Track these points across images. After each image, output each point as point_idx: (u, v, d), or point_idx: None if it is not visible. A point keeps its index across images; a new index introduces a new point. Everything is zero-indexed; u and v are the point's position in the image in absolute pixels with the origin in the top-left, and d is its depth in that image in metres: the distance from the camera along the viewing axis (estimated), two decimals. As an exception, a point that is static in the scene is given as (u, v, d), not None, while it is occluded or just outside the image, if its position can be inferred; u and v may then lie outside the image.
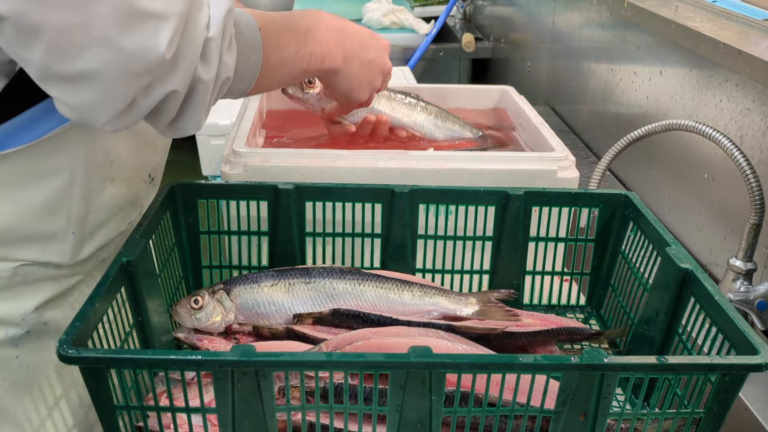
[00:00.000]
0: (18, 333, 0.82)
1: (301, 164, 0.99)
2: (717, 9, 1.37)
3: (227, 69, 0.75)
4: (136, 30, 0.64)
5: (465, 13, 3.10)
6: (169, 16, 0.65)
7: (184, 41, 0.68)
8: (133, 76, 0.66)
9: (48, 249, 0.82)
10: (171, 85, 0.69)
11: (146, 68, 0.66)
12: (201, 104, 0.74)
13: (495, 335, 0.84)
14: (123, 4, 0.62)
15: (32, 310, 0.82)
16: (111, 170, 0.85)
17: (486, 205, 0.95)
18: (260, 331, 0.86)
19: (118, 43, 0.63)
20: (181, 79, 0.69)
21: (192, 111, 0.74)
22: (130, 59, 0.65)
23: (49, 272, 0.83)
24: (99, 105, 0.67)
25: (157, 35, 0.65)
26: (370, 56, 1.01)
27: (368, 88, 1.04)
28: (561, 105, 2.06)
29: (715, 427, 0.69)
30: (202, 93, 0.73)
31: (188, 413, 0.67)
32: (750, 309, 1.07)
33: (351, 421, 0.68)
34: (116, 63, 0.64)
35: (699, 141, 1.31)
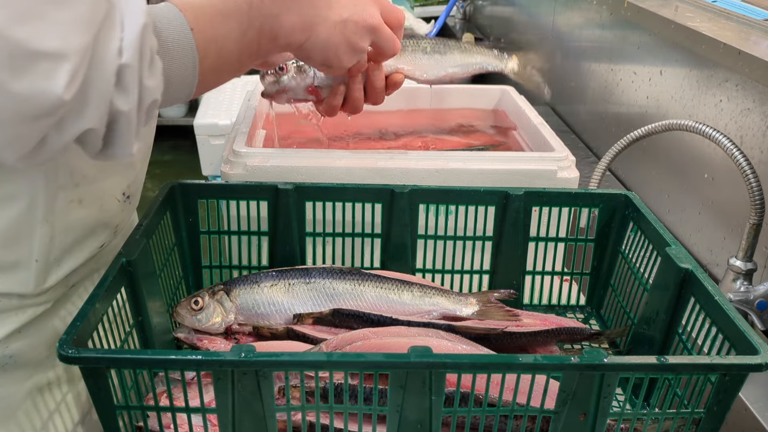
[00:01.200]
0: None
1: (301, 164, 0.99)
2: (717, 9, 1.37)
3: (151, 92, 0.68)
4: (28, 72, 0.58)
5: (465, 13, 3.10)
6: (66, 55, 0.59)
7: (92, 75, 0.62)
8: (31, 119, 0.60)
9: (10, 279, 0.77)
10: (84, 123, 0.63)
11: (44, 111, 0.60)
12: (126, 134, 0.67)
13: (495, 335, 0.84)
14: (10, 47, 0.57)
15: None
16: (77, 192, 0.80)
17: (486, 205, 0.95)
18: (260, 332, 0.86)
19: (9, 88, 0.58)
20: (94, 115, 0.63)
21: (118, 141, 0.67)
22: (24, 103, 0.59)
23: (13, 303, 0.78)
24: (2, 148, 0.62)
25: (53, 77, 0.59)
26: (342, 15, 0.87)
27: (348, 52, 0.90)
28: (561, 105, 2.06)
29: (715, 427, 0.69)
30: (124, 123, 0.66)
31: (188, 413, 0.67)
32: (750, 309, 1.07)
33: (351, 422, 0.68)
34: (10, 107, 0.59)
35: (699, 141, 1.31)
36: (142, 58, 0.66)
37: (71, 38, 0.60)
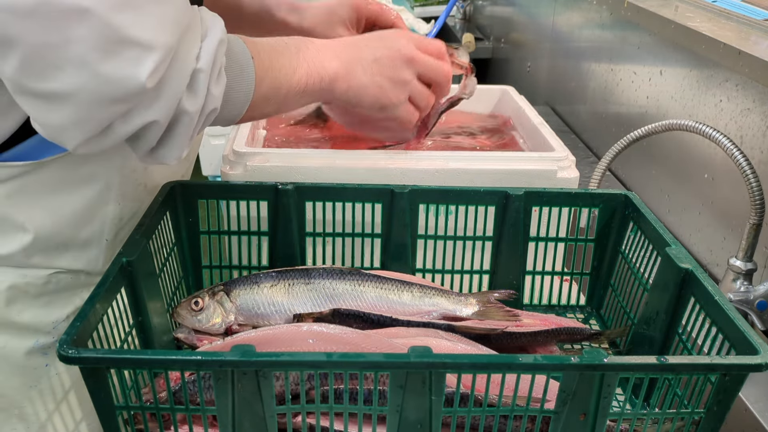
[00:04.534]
0: (48, 341, 0.82)
1: (301, 164, 0.99)
2: (717, 9, 1.37)
3: (214, 100, 0.73)
4: (118, 56, 0.62)
5: (465, 13, 3.10)
6: (155, 47, 0.64)
7: (171, 73, 0.67)
8: (109, 102, 0.64)
9: (81, 257, 0.82)
10: (152, 115, 0.67)
11: (124, 96, 0.64)
12: (183, 135, 0.72)
13: (495, 335, 0.84)
14: (107, 30, 0.61)
15: (63, 318, 0.82)
16: (144, 176, 0.85)
17: (486, 205, 0.95)
18: (260, 332, 0.86)
19: (96, 68, 0.62)
20: (163, 109, 0.68)
21: (173, 141, 0.72)
22: (107, 85, 0.63)
23: (81, 280, 0.83)
24: (71, 127, 0.65)
25: (139, 64, 0.63)
26: (375, 55, 0.92)
27: (392, 87, 0.93)
28: (561, 105, 2.06)
29: (715, 427, 0.69)
30: (185, 124, 0.71)
31: (188, 413, 0.67)
32: (750, 309, 1.07)
33: (351, 422, 0.68)
34: (92, 87, 0.63)
35: (699, 141, 1.31)
36: (214, 67, 0.72)
37: (162, 33, 0.64)
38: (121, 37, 0.62)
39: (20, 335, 0.81)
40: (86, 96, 0.63)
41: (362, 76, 0.91)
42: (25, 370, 0.81)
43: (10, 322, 0.80)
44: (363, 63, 0.91)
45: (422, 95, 0.97)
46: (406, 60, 0.93)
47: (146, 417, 0.68)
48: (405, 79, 0.94)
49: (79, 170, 0.78)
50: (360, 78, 0.91)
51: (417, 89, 0.96)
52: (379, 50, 0.92)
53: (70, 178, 0.78)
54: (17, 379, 0.82)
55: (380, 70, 0.92)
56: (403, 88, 0.94)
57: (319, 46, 0.90)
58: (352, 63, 0.91)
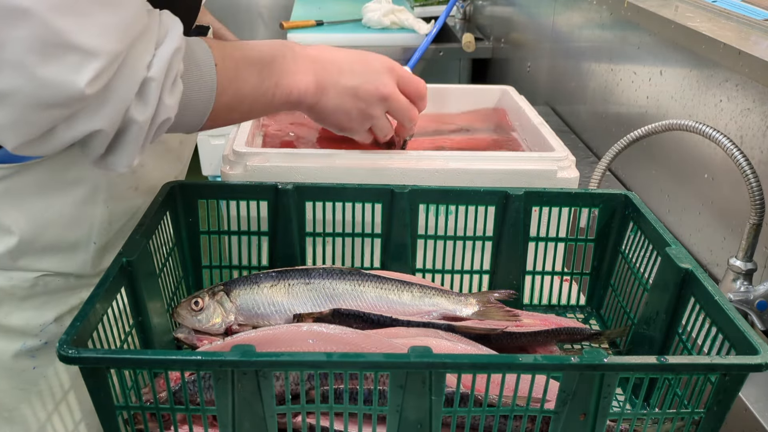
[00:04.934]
0: (36, 344, 0.82)
1: (301, 164, 0.99)
2: (717, 9, 1.37)
3: (167, 110, 0.71)
4: (57, 60, 0.60)
5: (465, 13, 3.10)
6: (97, 54, 0.62)
7: (118, 80, 0.65)
8: (46, 106, 0.62)
9: (69, 259, 0.81)
10: (97, 123, 0.65)
11: (61, 101, 0.62)
12: (132, 144, 0.70)
13: (495, 335, 0.84)
14: (46, 33, 0.59)
15: (51, 321, 0.82)
16: (134, 179, 0.85)
17: (486, 205, 0.95)
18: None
19: (33, 71, 0.60)
20: (108, 118, 0.66)
21: (122, 150, 0.70)
22: (44, 89, 0.61)
23: (69, 283, 0.83)
24: (7, 128, 0.63)
25: (79, 70, 0.61)
26: (353, 82, 0.91)
27: (359, 118, 0.94)
28: (561, 105, 2.06)
29: (715, 427, 0.69)
30: (134, 133, 0.69)
31: (188, 413, 0.67)
32: (750, 309, 1.07)
33: (351, 422, 0.68)
34: (28, 90, 0.61)
35: (699, 141, 1.31)
36: (167, 76, 0.69)
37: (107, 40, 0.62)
38: (62, 41, 0.60)
39: (7, 338, 0.80)
40: (22, 98, 0.61)
41: (332, 99, 0.91)
42: (13, 373, 0.81)
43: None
44: (338, 87, 0.91)
45: (383, 129, 0.98)
46: (381, 97, 0.94)
47: (146, 417, 0.68)
48: (373, 114, 0.95)
49: (65, 173, 0.77)
50: (330, 100, 0.91)
51: (380, 123, 0.97)
52: (358, 80, 0.92)
53: (56, 181, 0.77)
54: (5, 382, 0.81)
55: (353, 100, 0.92)
56: (368, 121, 0.95)
57: (298, 56, 0.88)
58: (327, 84, 0.90)
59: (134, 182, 0.85)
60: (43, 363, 0.82)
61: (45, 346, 0.82)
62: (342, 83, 0.91)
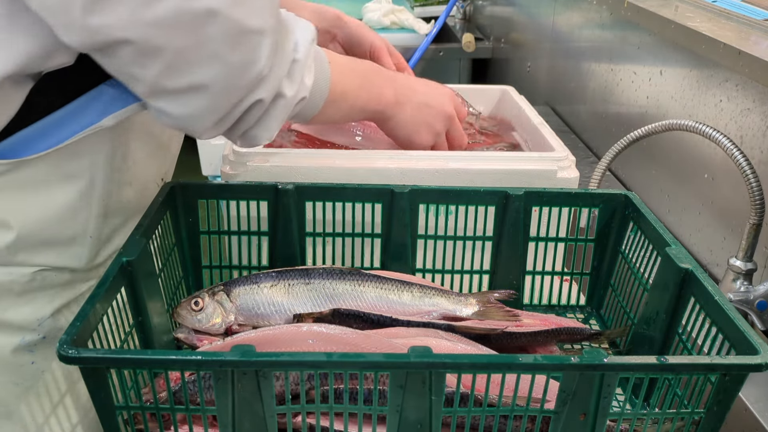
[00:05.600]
0: (34, 339, 0.82)
1: (301, 164, 0.99)
2: (717, 9, 1.37)
3: (305, 89, 0.81)
4: (242, 46, 0.69)
5: (465, 13, 3.09)
6: (266, 32, 0.71)
7: (276, 55, 0.74)
8: (237, 88, 0.72)
9: (65, 254, 0.82)
10: (259, 94, 0.74)
11: (248, 81, 0.72)
12: (278, 117, 0.79)
13: (495, 335, 0.84)
14: (231, 24, 0.68)
15: (48, 315, 0.82)
16: (128, 174, 0.86)
17: (486, 205, 0.95)
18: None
19: (227, 59, 0.69)
20: (268, 90, 0.75)
21: (269, 122, 0.79)
22: (236, 72, 0.70)
23: (65, 277, 0.83)
24: (204, 115, 0.73)
25: (258, 50, 0.71)
26: (424, 100, 1.04)
27: (427, 132, 1.05)
28: (561, 105, 2.06)
29: (715, 427, 0.69)
30: (281, 107, 0.78)
31: (188, 413, 0.67)
32: (750, 309, 1.07)
33: (351, 422, 0.68)
34: (223, 77, 0.70)
35: (699, 141, 1.31)
36: (307, 58, 0.80)
37: (268, 18, 0.72)
38: (242, 28, 0.68)
39: (6, 333, 0.81)
40: (219, 85, 0.70)
41: (407, 113, 1.03)
42: (12, 368, 0.82)
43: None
44: (412, 104, 1.03)
45: (442, 147, 1.09)
46: (446, 116, 1.06)
47: (146, 417, 0.68)
48: (438, 130, 1.06)
49: (62, 168, 0.78)
50: (405, 113, 1.02)
51: (441, 140, 1.08)
52: (429, 98, 1.05)
53: (53, 176, 0.78)
54: (4, 377, 0.82)
55: (424, 115, 1.04)
56: (433, 137, 1.06)
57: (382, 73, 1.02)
58: (404, 100, 1.02)
59: (128, 178, 0.86)
60: (42, 358, 0.83)
61: (43, 341, 0.82)
62: (415, 100, 1.03)
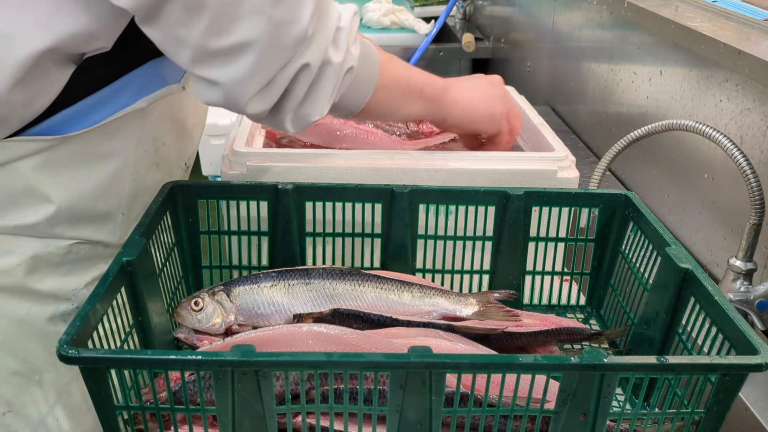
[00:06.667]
0: (68, 308, 0.86)
1: (301, 164, 0.99)
2: (717, 9, 1.37)
3: (353, 59, 0.81)
4: (284, 2, 0.70)
5: (465, 13, 3.09)
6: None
7: (320, 20, 0.75)
8: (282, 47, 0.72)
9: (100, 228, 0.86)
10: (305, 58, 0.74)
11: (293, 40, 0.72)
12: (328, 87, 0.79)
13: (495, 335, 0.84)
14: None
15: (82, 286, 0.86)
16: (156, 156, 0.89)
17: (486, 205, 0.95)
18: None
19: (270, 14, 0.69)
20: (314, 54, 0.75)
21: (318, 93, 0.79)
22: (280, 29, 0.70)
23: (99, 251, 0.87)
24: (249, 77, 0.73)
25: (302, 8, 0.71)
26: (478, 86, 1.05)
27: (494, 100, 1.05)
28: (561, 105, 2.06)
29: (715, 427, 0.69)
30: (330, 76, 0.79)
31: (188, 413, 0.67)
32: (750, 309, 1.07)
33: (351, 422, 0.68)
34: (268, 33, 0.70)
35: (699, 141, 1.31)
36: (351, 29, 0.81)
37: None
38: None
39: (42, 302, 0.84)
40: (264, 41, 0.70)
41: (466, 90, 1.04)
42: (46, 336, 0.84)
43: (31, 290, 0.83)
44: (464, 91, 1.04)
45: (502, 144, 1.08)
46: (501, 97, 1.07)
47: (146, 417, 0.68)
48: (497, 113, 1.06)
49: (100, 146, 0.82)
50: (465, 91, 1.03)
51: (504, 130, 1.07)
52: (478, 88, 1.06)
53: (92, 153, 0.81)
54: (38, 346, 0.85)
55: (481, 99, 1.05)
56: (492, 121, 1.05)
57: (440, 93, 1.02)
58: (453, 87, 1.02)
59: (156, 159, 0.89)
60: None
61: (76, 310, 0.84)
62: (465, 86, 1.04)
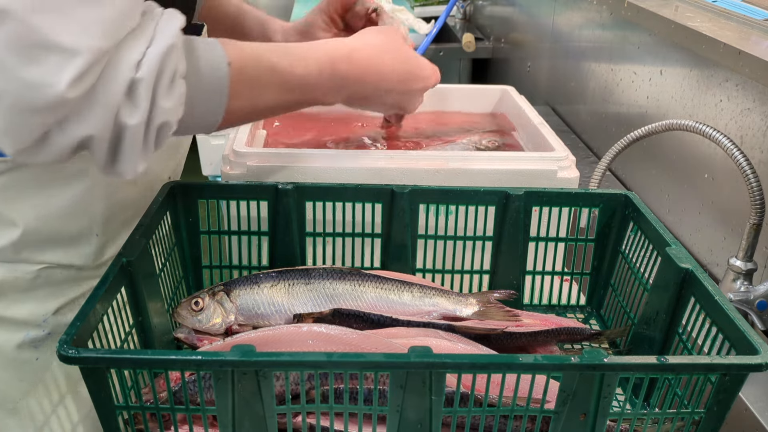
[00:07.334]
0: (39, 335, 0.82)
1: (301, 164, 0.99)
2: (717, 9, 1.37)
3: (164, 113, 0.67)
4: (38, 61, 0.58)
5: (465, 13, 3.10)
6: (79, 52, 0.59)
7: (102, 82, 0.62)
8: (32, 109, 0.60)
9: (71, 251, 0.82)
10: (87, 128, 0.62)
11: (45, 104, 0.59)
12: (131, 151, 0.66)
13: (495, 335, 0.84)
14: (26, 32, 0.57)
15: (53, 312, 0.83)
16: None
17: (486, 205, 0.95)
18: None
19: (16, 73, 0.58)
20: (96, 123, 0.63)
21: (123, 157, 0.67)
22: (28, 91, 0.59)
23: (71, 274, 0.83)
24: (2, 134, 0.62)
25: (60, 71, 0.58)
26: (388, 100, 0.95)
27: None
28: (561, 105, 2.06)
29: (715, 427, 0.69)
30: (129, 138, 0.65)
31: (188, 413, 0.67)
32: (750, 309, 1.07)
33: (351, 422, 0.68)
34: (13, 93, 0.59)
35: (699, 141, 1.31)
36: (161, 76, 0.65)
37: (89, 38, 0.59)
38: (42, 40, 0.58)
39: (11, 329, 0.81)
40: (8, 102, 0.59)
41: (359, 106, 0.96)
42: (16, 364, 0.82)
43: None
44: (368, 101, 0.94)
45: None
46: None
47: (146, 417, 0.68)
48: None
49: (67, 166, 0.78)
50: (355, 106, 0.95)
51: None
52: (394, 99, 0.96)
53: (59, 174, 0.78)
54: (8, 374, 0.82)
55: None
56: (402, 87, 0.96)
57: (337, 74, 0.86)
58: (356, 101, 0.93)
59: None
60: (47, 354, 0.83)
61: (48, 337, 0.83)
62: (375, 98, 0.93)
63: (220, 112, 0.75)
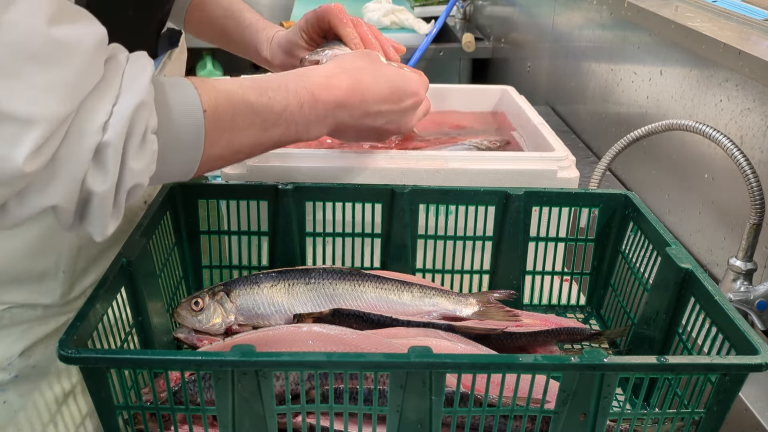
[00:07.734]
0: (6, 378, 0.78)
1: (301, 164, 0.99)
2: (717, 9, 1.37)
3: (135, 176, 0.61)
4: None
5: (465, 13, 3.10)
6: (35, 122, 0.53)
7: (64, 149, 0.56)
8: None
9: (37, 290, 0.78)
10: (49, 198, 0.57)
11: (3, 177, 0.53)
12: (99, 216, 0.61)
13: (495, 335, 0.84)
14: None
15: (18, 354, 0.79)
16: None
17: (486, 205, 0.95)
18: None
19: None
20: (61, 192, 0.57)
21: (91, 221, 0.61)
22: None
23: (38, 313, 0.79)
24: None
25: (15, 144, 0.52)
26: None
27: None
28: (561, 105, 2.06)
29: (715, 427, 0.69)
30: (97, 204, 0.60)
31: (188, 413, 0.67)
32: (750, 309, 1.07)
33: (351, 422, 0.68)
34: None
35: (699, 141, 1.31)
36: (130, 137, 0.60)
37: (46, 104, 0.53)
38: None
39: None
40: None
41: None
42: None
43: None
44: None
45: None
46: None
47: (146, 417, 0.68)
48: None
49: None
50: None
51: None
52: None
53: None
54: None
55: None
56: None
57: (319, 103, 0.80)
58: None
59: None
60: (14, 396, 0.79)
61: (15, 380, 0.79)
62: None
63: (196, 161, 0.69)
